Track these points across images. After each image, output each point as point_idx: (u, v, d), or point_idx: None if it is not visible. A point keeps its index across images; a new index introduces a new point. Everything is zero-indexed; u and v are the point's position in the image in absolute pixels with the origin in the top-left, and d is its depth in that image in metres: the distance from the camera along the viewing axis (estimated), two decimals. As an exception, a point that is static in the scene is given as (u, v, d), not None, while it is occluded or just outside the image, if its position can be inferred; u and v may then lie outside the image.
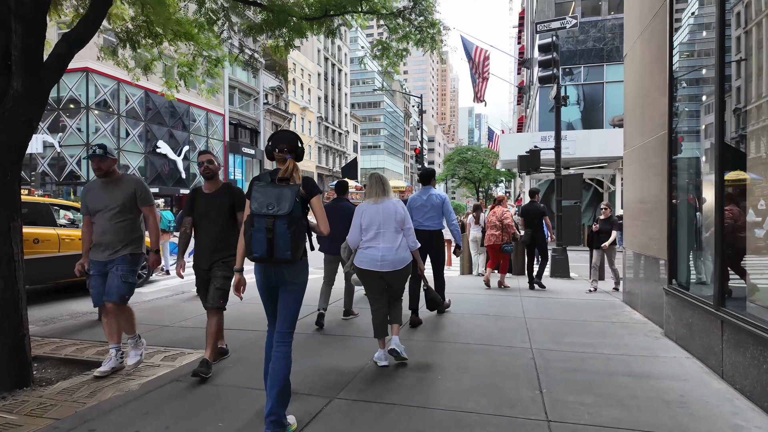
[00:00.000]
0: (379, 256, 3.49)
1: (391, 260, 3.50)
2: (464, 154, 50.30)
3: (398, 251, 3.52)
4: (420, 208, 5.18)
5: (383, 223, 3.55)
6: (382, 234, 3.53)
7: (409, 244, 3.63)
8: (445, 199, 5.26)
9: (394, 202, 3.66)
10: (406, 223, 3.63)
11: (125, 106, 29.98)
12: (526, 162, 9.17)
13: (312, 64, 56.68)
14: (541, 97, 21.18)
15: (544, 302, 5.92)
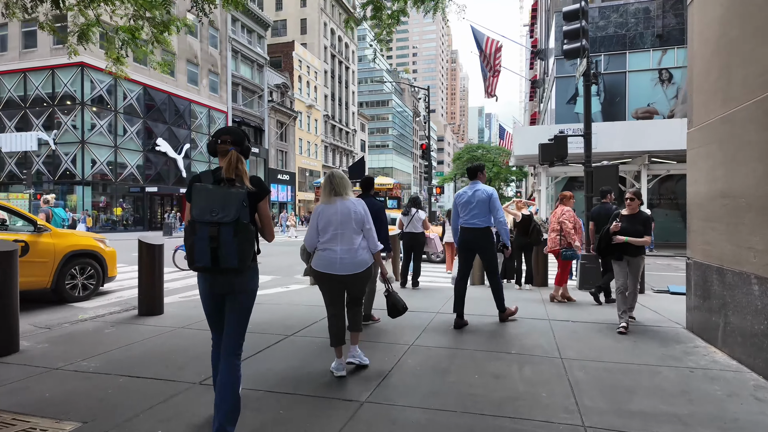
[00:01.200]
0: (337, 258, 3.31)
1: (350, 262, 3.32)
2: (474, 153, 48.81)
3: (357, 253, 3.35)
4: (465, 204, 4.85)
5: (340, 223, 3.35)
6: (339, 235, 3.34)
7: (370, 245, 3.44)
8: (492, 194, 4.83)
9: (353, 201, 3.45)
10: (366, 223, 3.43)
11: (123, 102, 28.99)
12: (550, 151, 7.74)
13: (318, 61, 55.50)
14: (557, 89, 19.66)
15: (581, 330, 4.50)
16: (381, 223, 4.56)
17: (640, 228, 4.59)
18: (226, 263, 2.26)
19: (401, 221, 7.73)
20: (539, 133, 17.16)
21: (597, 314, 5.41)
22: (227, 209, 2.25)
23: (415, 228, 7.54)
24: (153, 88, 31.03)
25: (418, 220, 7.54)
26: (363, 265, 3.37)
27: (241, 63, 41.29)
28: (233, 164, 2.35)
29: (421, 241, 7.55)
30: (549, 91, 22.39)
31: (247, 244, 2.30)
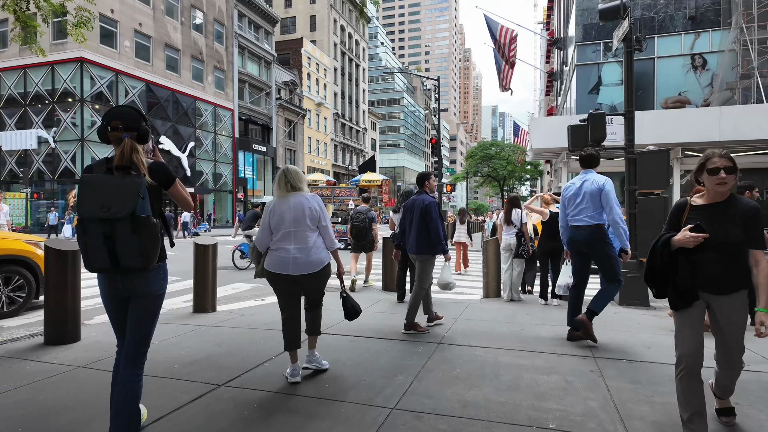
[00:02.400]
0: (290, 258, 3.10)
1: (305, 262, 3.11)
2: (488, 150, 47.22)
3: (312, 252, 3.15)
4: (572, 198, 4.19)
5: (293, 221, 3.12)
6: (293, 233, 3.13)
7: (327, 243, 3.26)
8: (603, 186, 4.00)
9: (308, 197, 3.21)
10: (322, 220, 3.22)
11: (124, 99, 28.20)
12: (581, 134, 6.39)
13: (328, 59, 54.49)
14: (578, 77, 18.18)
15: (654, 381, 3.00)
16: (431, 221, 4.33)
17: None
18: (127, 263, 2.07)
19: (392, 220, 6.48)
20: (558, 124, 15.73)
21: (662, 351, 4.08)
22: (121, 203, 2.02)
23: None
24: (156, 84, 30.25)
25: None
26: (318, 265, 3.15)
27: (248, 60, 40.42)
28: (126, 154, 2.11)
29: None
30: (568, 81, 20.89)
31: (150, 240, 2.08)
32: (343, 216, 17.28)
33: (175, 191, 2.31)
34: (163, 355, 3.52)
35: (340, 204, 17.88)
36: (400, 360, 3.52)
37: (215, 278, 5.35)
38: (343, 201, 17.82)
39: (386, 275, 6.98)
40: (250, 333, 4.32)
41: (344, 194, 17.97)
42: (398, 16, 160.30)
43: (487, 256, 6.42)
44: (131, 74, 28.49)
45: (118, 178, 2.07)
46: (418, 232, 4.42)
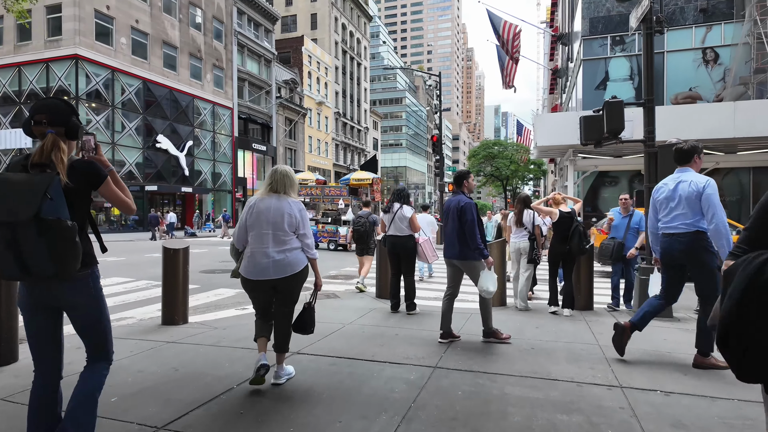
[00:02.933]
0: (265, 261, 3.01)
1: (280, 265, 3.01)
2: (491, 150, 46.58)
3: (289, 254, 3.04)
4: (665, 201, 3.69)
5: (271, 223, 3.04)
6: (270, 236, 3.03)
7: (306, 251, 3.12)
8: (705, 188, 3.47)
9: (290, 202, 3.10)
10: (301, 228, 3.10)
11: (121, 97, 27.72)
12: (595, 126, 5.78)
13: (329, 57, 53.93)
14: (585, 73, 17.55)
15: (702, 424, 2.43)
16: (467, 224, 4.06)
17: None
18: (37, 270, 1.84)
19: (383, 222, 5.91)
20: (564, 120, 15.12)
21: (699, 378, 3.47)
22: (22, 204, 1.78)
23: (399, 230, 5.65)
24: (153, 82, 29.75)
25: (402, 219, 5.64)
26: (295, 267, 3.06)
27: (247, 58, 39.90)
28: (46, 151, 1.91)
29: (409, 248, 5.62)
30: (574, 77, 20.25)
31: (63, 244, 1.84)
32: (333, 216, 16.86)
33: (107, 192, 2.06)
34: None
35: (330, 203, 17.35)
36: (387, 390, 2.94)
37: (186, 286, 4.78)
38: (333, 200, 17.29)
39: (380, 281, 6.41)
40: (216, 352, 3.74)
41: (334, 193, 17.43)
42: (400, 15, 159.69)
43: None
44: (128, 72, 27.99)
45: (26, 176, 1.87)
46: (456, 236, 4.17)
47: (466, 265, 4.20)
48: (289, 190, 3.14)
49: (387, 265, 6.15)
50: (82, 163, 2.04)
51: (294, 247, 3.08)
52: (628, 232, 6.01)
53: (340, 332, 4.45)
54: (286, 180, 3.14)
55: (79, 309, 2.03)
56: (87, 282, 2.02)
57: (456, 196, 4.32)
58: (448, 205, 4.36)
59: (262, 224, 3.03)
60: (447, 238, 4.29)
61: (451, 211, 4.23)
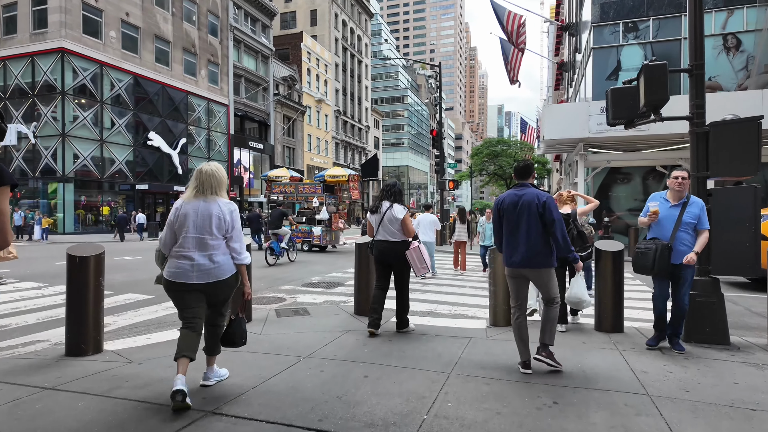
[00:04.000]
0: (187, 265, 2.85)
1: (206, 270, 2.85)
2: (494, 148, 45.37)
3: (216, 259, 2.89)
4: None
5: (198, 227, 2.89)
6: (197, 240, 2.88)
7: (234, 256, 2.96)
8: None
9: (220, 203, 2.94)
10: (230, 231, 2.94)
11: (110, 92, 26.73)
12: (629, 99, 4.65)
13: (329, 54, 52.89)
14: (595, 62, 16.38)
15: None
16: (555, 223, 3.35)
17: None
18: None
19: (369, 223, 4.78)
20: (574, 111, 13.98)
21: None
22: None
23: (389, 234, 4.55)
24: (144, 77, 28.76)
25: (392, 221, 4.54)
26: (223, 273, 2.89)
27: (244, 53, 38.89)
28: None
29: (401, 257, 4.52)
30: (582, 68, 19.07)
31: None
32: (308, 215, 15.87)
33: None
34: None
35: (305, 202, 16.32)
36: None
37: (99, 305, 3.68)
38: (307, 198, 16.25)
39: (360, 295, 5.28)
40: (96, 413, 2.59)
41: (309, 191, 16.37)
42: (403, 14, 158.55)
43: (495, 271, 4.71)
44: (118, 66, 27.01)
45: None
46: (531, 240, 3.40)
47: (541, 275, 3.45)
48: (218, 191, 2.96)
49: (368, 275, 5.04)
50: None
51: (223, 252, 2.91)
52: (679, 229, 3.86)
53: (291, 372, 3.32)
54: (213, 180, 2.95)
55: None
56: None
57: (525, 189, 3.48)
58: (514, 201, 3.47)
59: (188, 228, 2.87)
60: (515, 244, 3.46)
61: (526, 209, 3.40)
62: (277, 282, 8.46)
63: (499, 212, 3.57)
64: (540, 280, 3.47)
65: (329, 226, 15.69)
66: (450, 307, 6.35)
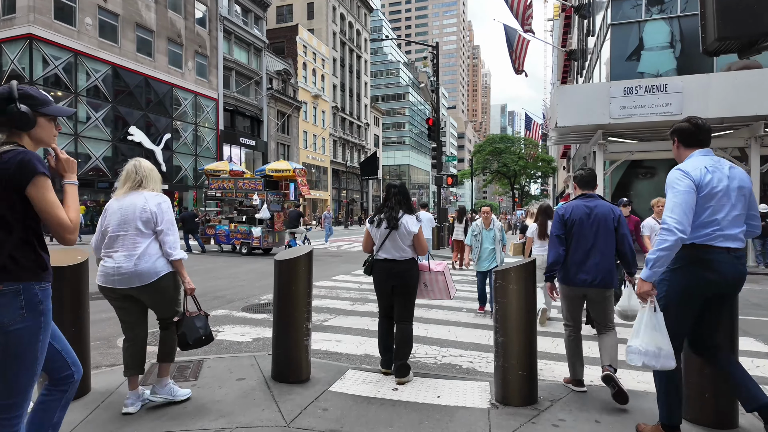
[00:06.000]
0: (114, 267, 2.71)
1: (131, 272, 2.68)
2: (497, 145, 43.44)
3: (142, 260, 2.72)
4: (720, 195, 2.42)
5: (121, 223, 2.74)
6: (120, 238, 2.74)
7: (166, 250, 2.78)
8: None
9: (146, 196, 2.79)
10: (159, 224, 2.76)
11: (86, 83, 24.92)
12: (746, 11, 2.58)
13: (326, 48, 51.03)
14: (613, 40, 14.41)
15: None
16: (626, 238, 3.17)
17: None
18: None
19: (368, 236, 3.69)
20: (593, 93, 12.03)
21: None
22: None
23: (398, 250, 3.55)
24: (124, 68, 26.95)
25: (404, 236, 3.53)
26: (151, 275, 2.71)
27: (235, 46, 37.06)
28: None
29: (411, 279, 3.57)
30: (598, 50, 17.09)
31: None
32: (249, 214, 14.23)
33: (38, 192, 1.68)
34: None
35: (245, 198, 14.59)
36: None
37: None
38: (247, 195, 14.53)
39: (280, 346, 3.29)
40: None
41: (249, 186, 14.68)
42: (405, 12, 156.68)
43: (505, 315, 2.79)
44: (94, 56, 25.19)
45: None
46: (606, 256, 3.17)
47: (607, 295, 3.24)
48: (147, 183, 2.83)
49: (293, 313, 3.11)
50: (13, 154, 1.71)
51: (148, 252, 2.71)
52: None
53: None
54: (141, 172, 2.84)
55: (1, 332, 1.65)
56: (15, 301, 1.66)
57: (594, 200, 3.27)
58: (586, 213, 3.20)
59: (112, 226, 2.75)
60: (584, 260, 3.17)
61: (602, 222, 3.17)
62: (217, 300, 6.55)
63: (565, 224, 3.28)
64: (605, 300, 3.26)
65: (271, 227, 14.08)
66: (437, 349, 4.44)
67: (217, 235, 14.75)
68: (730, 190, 2.40)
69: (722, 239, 2.37)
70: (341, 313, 5.95)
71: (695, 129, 2.57)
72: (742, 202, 2.43)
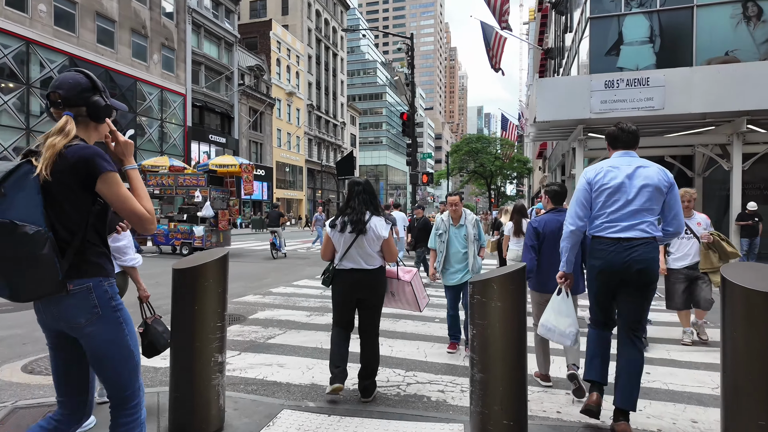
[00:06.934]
0: None
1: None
2: (474, 145, 43.14)
3: None
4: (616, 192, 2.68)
5: None
6: None
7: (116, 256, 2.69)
8: (672, 180, 2.72)
9: None
10: None
11: (39, 74, 23.27)
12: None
13: (301, 44, 49.87)
14: (592, 34, 13.96)
15: None
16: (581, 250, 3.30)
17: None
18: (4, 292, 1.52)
19: (329, 242, 3.21)
20: (573, 86, 11.51)
21: None
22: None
23: (365, 258, 3.13)
24: (82, 59, 25.33)
25: (373, 242, 3.11)
26: None
27: (204, 39, 35.64)
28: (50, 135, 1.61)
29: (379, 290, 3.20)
30: (576, 45, 16.69)
31: (19, 257, 1.45)
32: (191, 212, 13.42)
33: (109, 194, 1.61)
34: None
35: (186, 196, 13.79)
36: None
37: None
38: (188, 192, 13.74)
39: (178, 398, 2.45)
40: None
41: (190, 183, 13.87)
42: (382, 12, 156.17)
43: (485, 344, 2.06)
44: (48, 45, 23.57)
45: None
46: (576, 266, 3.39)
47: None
48: None
49: (196, 337, 2.29)
50: (76, 150, 1.61)
51: None
52: None
53: None
54: None
55: (79, 334, 1.64)
56: (86, 299, 1.63)
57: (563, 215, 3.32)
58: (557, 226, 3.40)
59: None
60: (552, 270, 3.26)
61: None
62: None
63: (538, 236, 3.48)
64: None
65: (215, 226, 13.30)
66: (401, 374, 3.67)
67: (156, 235, 13.69)
68: (626, 186, 2.61)
69: (612, 230, 2.59)
70: (293, 326, 5.12)
71: (619, 132, 2.90)
72: (645, 197, 2.60)
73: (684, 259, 4.60)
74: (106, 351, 1.64)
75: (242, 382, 3.39)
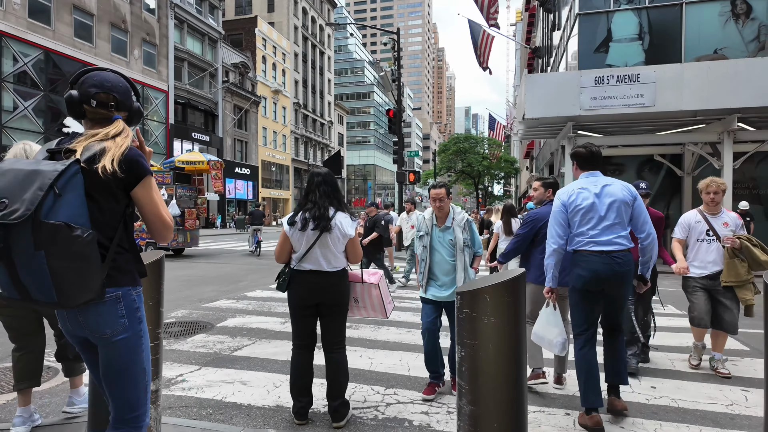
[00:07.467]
0: None
1: None
2: (462, 144, 42.96)
3: None
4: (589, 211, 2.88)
5: None
6: None
7: None
8: (636, 194, 2.93)
9: None
10: None
11: (12, 69, 22.38)
12: None
13: (287, 42, 49.19)
14: (581, 31, 13.73)
15: None
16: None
17: None
18: (37, 295, 1.37)
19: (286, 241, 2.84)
20: (563, 82, 11.23)
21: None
22: (17, 196, 1.30)
23: (326, 259, 2.79)
24: (59, 53, 24.50)
25: (337, 240, 2.78)
26: None
27: (188, 35, 34.84)
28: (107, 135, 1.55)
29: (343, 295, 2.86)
30: (564, 42, 16.47)
31: (68, 262, 1.35)
32: None
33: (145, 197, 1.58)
34: None
35: None
36: None
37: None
38: None
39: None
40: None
41: (156, 180, 13.26)
42: (370, 11, 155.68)
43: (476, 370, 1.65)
44: (22, 38, 22.68)
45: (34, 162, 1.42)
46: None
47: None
48: None
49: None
50: (127, 153, 1.60)
51: None
52: None
53: None
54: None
55: (103, 344, 1.56)
56: (115, 308, 1.54)
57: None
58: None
59: None
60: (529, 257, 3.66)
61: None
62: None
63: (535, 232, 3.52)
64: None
65: (181, 225, 12.93)
66: (380, 392, 3.26)
67: None
68: (597, 206, 2.82)
69: (593, 245, 2.80)
70: (265, 335, 4.68)
71: (589, 155, 2.98)
72: (615, 213, 2.81)
73: (702, 269, 3.76)
74: (123, 366, 1.57)
75: (197, 404, 2.97)
